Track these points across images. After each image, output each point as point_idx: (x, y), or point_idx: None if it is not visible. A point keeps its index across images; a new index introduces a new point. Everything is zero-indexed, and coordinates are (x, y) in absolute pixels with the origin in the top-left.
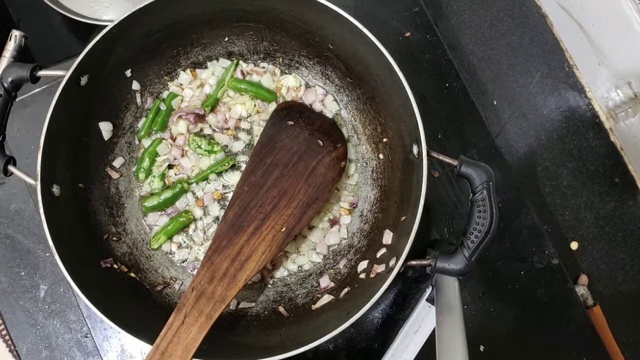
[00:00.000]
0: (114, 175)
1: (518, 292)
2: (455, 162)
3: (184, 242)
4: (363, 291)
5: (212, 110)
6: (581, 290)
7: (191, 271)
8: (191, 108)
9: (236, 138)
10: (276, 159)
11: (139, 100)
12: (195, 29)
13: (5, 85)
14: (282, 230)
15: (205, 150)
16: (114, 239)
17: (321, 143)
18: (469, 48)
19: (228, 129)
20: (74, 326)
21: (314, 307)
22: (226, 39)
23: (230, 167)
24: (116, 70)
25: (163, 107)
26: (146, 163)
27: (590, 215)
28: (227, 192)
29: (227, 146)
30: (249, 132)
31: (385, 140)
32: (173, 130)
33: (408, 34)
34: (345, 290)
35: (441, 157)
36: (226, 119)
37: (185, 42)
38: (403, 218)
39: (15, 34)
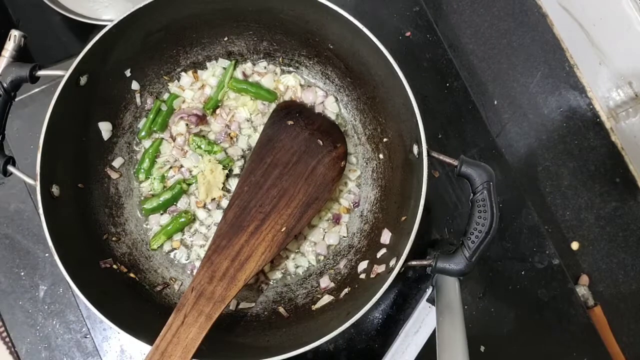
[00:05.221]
0: (114, 175)
1: (518, 292)
2: (455, 162)
3: (184, 242)
4: (363, 291)
5: (214, 112)
6: (582, 290)
7: (191, 271)
8: (192, 109)
9: (238, 141)
10: (276, 158)
11: (138, 100)
12: (195, 29)
13: (5, 85)
14: (282, 230)
15: (205, 151)
16: (114, 239)
17: (321, 143)
18: (469, 48)
19: (229, 134)
20: (74, 326)
21: (314, 307)
22: (226, 38)
23: (230, 169)
24: (116, 70)
25: (164, 107)
26: (146, 164)
27: (591, 215)
28: (227, 194)
29: (227, 151)
30: (253, 131)
31: (385, 140)
32: (173, 131)
33: (408, 34)
34: (346, 290)
35: (441, 157)
36: (227, 123)
37: (185, 42)
38: (403, 218)
39: (15, 33)
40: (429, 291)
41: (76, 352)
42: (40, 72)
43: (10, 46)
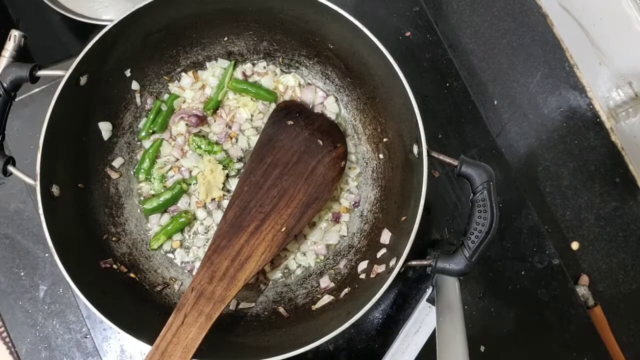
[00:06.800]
0: (114, 175)
1: (518, 292)
2: (455, 162)
3: (184, 242)
4: (363, 291)
5: (214, 112)
6: (582, 290)
7: (190, 271)
8: (192, 109)
9: (238, 141)
10: (276, 158)
11: (138, 100)
12: (195, 29)
13: (5, 85)
14: (282, 230)
15: (205, 151)
16: (114, 239)
17: (321, 142)
18: (469, 48)
19: (230, 135)
20: (74, 327)
21: (314, 307)
22: (226, 38)
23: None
24: (116, 70)
25: (164, 107)
26: (146, 164)
27: (591, 215)
28: (227, 194)
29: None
30: (254, 132)
31: (385, 140)
32: (173, 131)
33: (408, 34)
34: (346, 290)
35: (441, 157)
36: (228, 123)
37: (185, 42)
38: (403, 218)
39: (15, 33)
40: (429, 291)
41: (76, 352)
42: (40, 72)
43: (10, 46)
